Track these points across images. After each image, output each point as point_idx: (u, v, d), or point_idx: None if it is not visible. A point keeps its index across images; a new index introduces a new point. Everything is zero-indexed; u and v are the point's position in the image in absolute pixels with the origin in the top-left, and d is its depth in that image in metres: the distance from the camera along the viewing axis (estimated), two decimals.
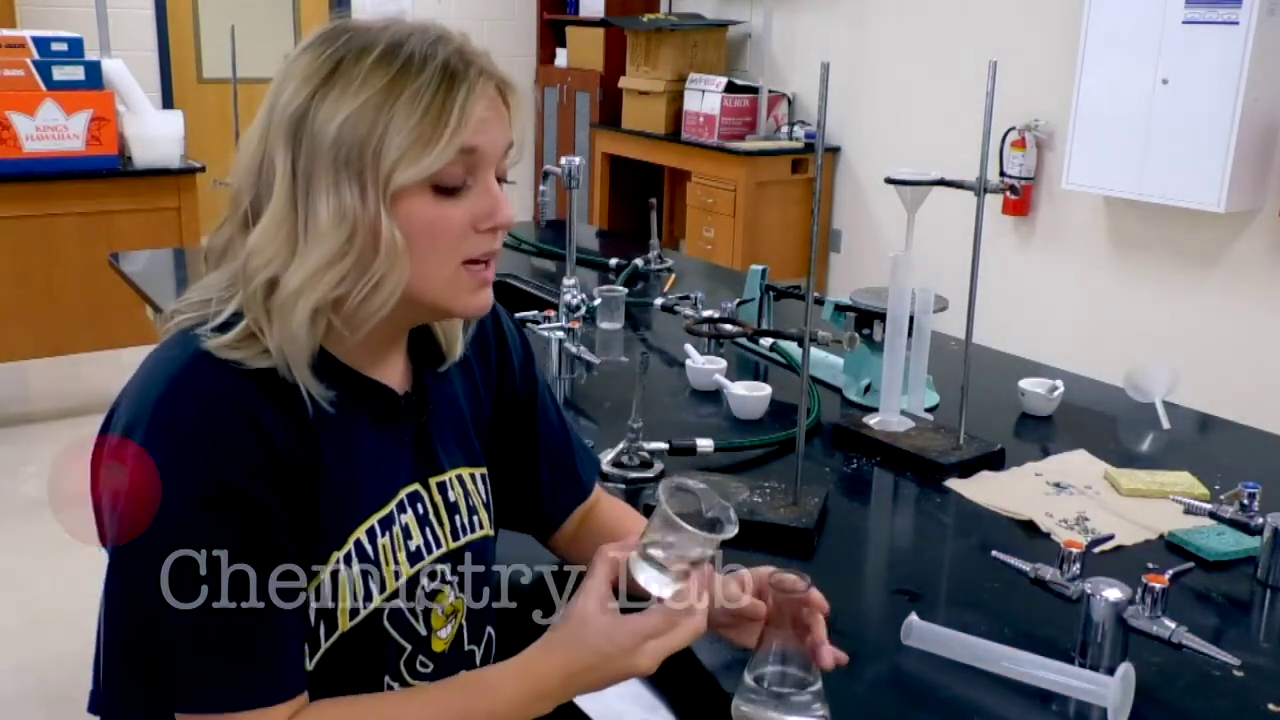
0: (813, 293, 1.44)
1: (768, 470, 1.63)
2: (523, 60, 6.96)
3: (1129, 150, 4.00)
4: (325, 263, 0.91)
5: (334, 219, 0.91)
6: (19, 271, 3.89)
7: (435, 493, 1.07)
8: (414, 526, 1.04)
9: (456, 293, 0.97)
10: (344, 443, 0.98)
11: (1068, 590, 1.19)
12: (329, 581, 0.96)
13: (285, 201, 0.92)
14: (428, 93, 0.91)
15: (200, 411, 0.89)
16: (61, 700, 2.60)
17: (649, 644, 0.94)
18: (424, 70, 0.91)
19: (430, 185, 0.93)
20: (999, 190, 1.65)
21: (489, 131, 0.95)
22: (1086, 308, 4.51)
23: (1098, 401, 1.98)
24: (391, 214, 0.91)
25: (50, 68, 3.81)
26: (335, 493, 0.96)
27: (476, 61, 0.95)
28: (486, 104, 0.95)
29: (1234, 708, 1.09)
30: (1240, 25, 3.64)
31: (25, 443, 4.05)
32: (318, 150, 0.91)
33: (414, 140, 0.90)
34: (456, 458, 1.11)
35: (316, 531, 0.95)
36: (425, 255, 0.94)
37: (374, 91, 0.90)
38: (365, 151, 0.90)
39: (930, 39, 5.01)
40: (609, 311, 2.31)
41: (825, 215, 5.66)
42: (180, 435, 0.88)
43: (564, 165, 2.20)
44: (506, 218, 0.98)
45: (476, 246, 0.97)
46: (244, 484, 0.89)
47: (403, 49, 0.92)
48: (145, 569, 0.88)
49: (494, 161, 0.97)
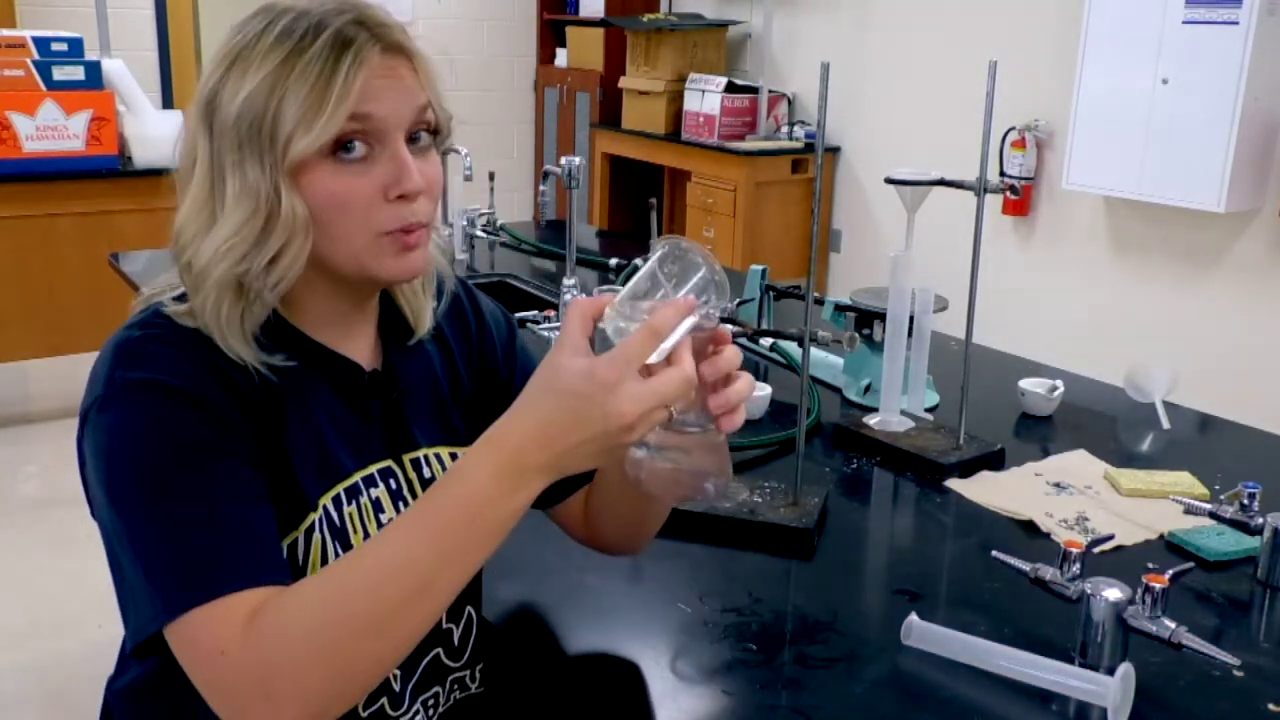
0: (813, 293, 1.44)
1: (768, 470, 1.63)
2: (523, 60, 6.96)
3: (1129, 150, 4.00)
4: (228, 237, 0.93)
5: (239, 195, 0.93)
6: (19, 271, 3.89)
7: (410, 469, 1.08)
8: (386, 501, 1.04)
9: (377, 258, 0.97)
10: (308, 409, 1.00)
11: (1068, 590, 1.19)
12: (303, 539, 0.97)
13: (204, 182, 0.95)
14: (316, 63, 0.92)
15: (164, 345, 0.93)
16: (61, 700, 2.60)
17: (632, 384, 0.82)
18: (315, 42, 0.92)
19: (331, 156, 0.93)
20: (999, 190, 1.65)
21: (384, 97, 0.94)
22: (1086, 308, 4.51)
23: (1098, 401, 1.98)
24: (294, 187, 0.93)
25: (50, 68, 3.81)
26: (302, 453, 0.98)
27: (370, 28, 0.95)
28: (378, 70, 0.94)
29: (1234, 708, 1.09)
30: (1240, 25, 3.64)
31: (25, 443, 4.05)
32: (225, 130, 0.93)
33: (304, 111, 0.91)
34: (434, 435, 1.11)
35: (291, 481, 0.96)
36: (334, 227, 0.95)
37: (271, 68, 0.92)
38: (263, 126, 0.92)
39: (930, 39, 5.00)
40: None
41: (825, 215, 5.66)
42: (148, 363, 0.92)
43: (564, 165, 2.21)
44: (414, 185, 0.95)
45: (390, 218, 0.96)
46: (215, 400, 0.92)
47: (299, 23, 0.94)
48: (133, 477, 0.89)
49: (399, 127, 0.96)
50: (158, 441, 0.90)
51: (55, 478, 3.75)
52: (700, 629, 1.20)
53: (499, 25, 6.85)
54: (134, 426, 0.90)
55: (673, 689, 1.11)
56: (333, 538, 0.99)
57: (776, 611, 1.25)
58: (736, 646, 1.17)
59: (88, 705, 1.04)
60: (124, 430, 0.90)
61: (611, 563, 1.34)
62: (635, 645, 1.19)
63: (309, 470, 0.99)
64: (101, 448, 0.91)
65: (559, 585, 1.29)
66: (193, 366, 0.93)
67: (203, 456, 0.90)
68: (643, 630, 1.22)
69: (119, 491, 0.89)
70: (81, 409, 0.95)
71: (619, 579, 1.32)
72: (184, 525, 0.88)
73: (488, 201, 3.10)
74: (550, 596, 1.24)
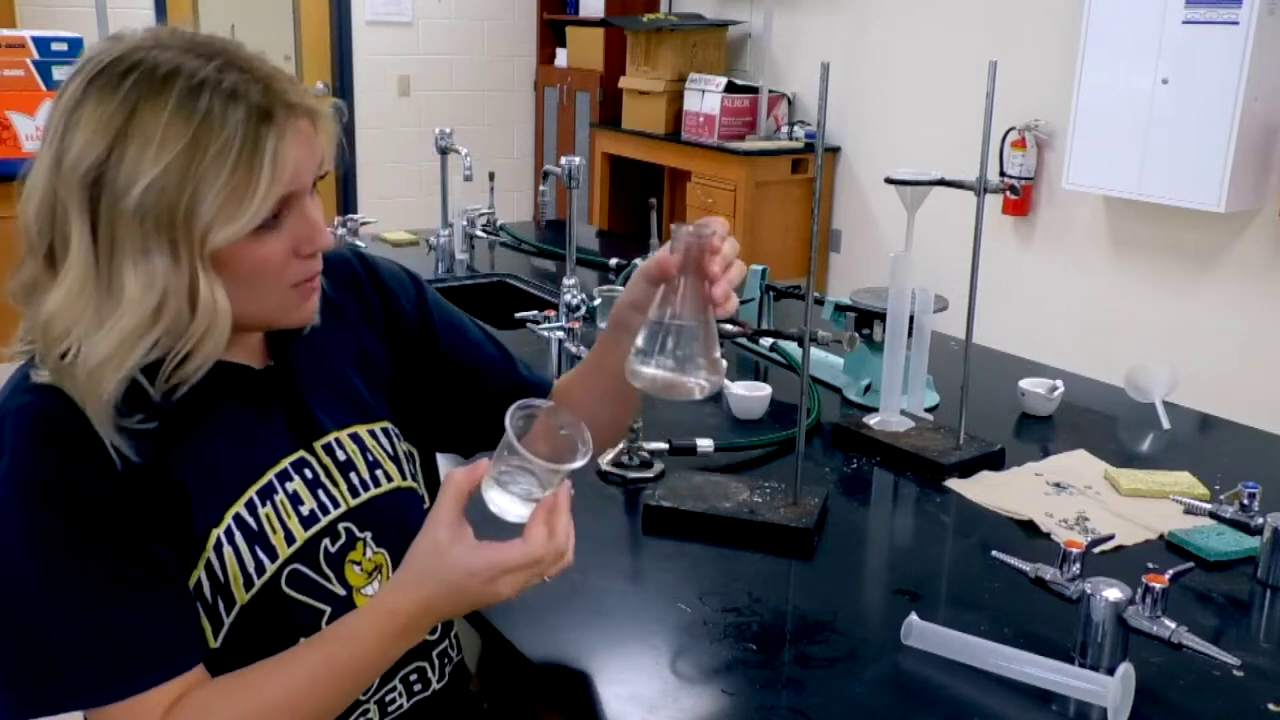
0: (813, 293, 1.44)
1: (768, 470, 1.63)
2: (523, 60, 6.96)
3: (1129, 150, 3.99)
4: (134, 331, 0.88)
5: (143, 287, 0.87)
6: None
7: (323, 455, 1.07)
8: (303, 492, 1.04)
9: (285, 312, 0.99)
10: (201, 428, 0.98)
11: (1068, 590, 1.19)
12: (214, 556, 0.97)
13: (84, 265, 0.88)
14: (234, 146, 0.86)
15: (29, 429, 0.91)
16: None
17: (508, 576, 0.94)
18: (227, 120, 0.87)
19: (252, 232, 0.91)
20: (999, 190, 1.65)
21: (303, 167, 0.93)
22: (1086, 308, 4.51)
23: (1098, 401, 1.98)
24: (210, 271, 0.89)
25: (50, 68, 3.81)
26: (201, 475, 0.97)
27: (283, 97, 0.90)
28: (297, 141, 0.91)
29: (1234, 708, 1.09)
30: (1240, 25, 3.63)
31: None
32: (120, 217, 0.87)
33: (227, 199, 0.87)
34: (344, 417, 1.10)
35: (185, 510, 0.96)
36: (250, 291, 0.94)
37: (177, 151, 0.85)
38: (175, 216, 0.86)
39: (930, 39, 5.00)
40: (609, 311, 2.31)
41: (825, 215, 5.66)
42: (16, 451, 0.90)
43: (564, 165, 2.21)
44: (326, 242, 0.97)
45: (300, 272, 0.97)
46: (80, 486, 0.90)
47: (201, 94, 0.87)
48: (6, 577, 0.90)
49: (306, 188, 0.95)
50: (43, 547, 0.90)
51: None
52: (700, 629, 1.20)
53: (499, 25, 6.85)
54: (15, 532, 0.90)
55: (673, 689, 1.11)
56: (249, 543, 0.99)
57: (776, 611, 1.25)
58: (736, 646, 1.17)
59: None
60: (8, 531, 0.90)
61: (612, 562, 1.35)
62: (635, 645, 1.19)
63: (212, 486, 0.98)
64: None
65: (559, 585, 1.29)
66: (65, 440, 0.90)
67: (86, 551, 0.90)
68: (643, 630, 1.22)
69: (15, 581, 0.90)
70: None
71: (619, 579, 1.32)
72: (94, 618, 0.90)
73: (488, 201, 3.09)
74: (550, 597, 1.24)
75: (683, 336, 0.94)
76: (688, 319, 0.94)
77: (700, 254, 0.95)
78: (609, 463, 1.58)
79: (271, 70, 0.93)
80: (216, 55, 0.91)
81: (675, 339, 0.94)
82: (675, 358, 0.94)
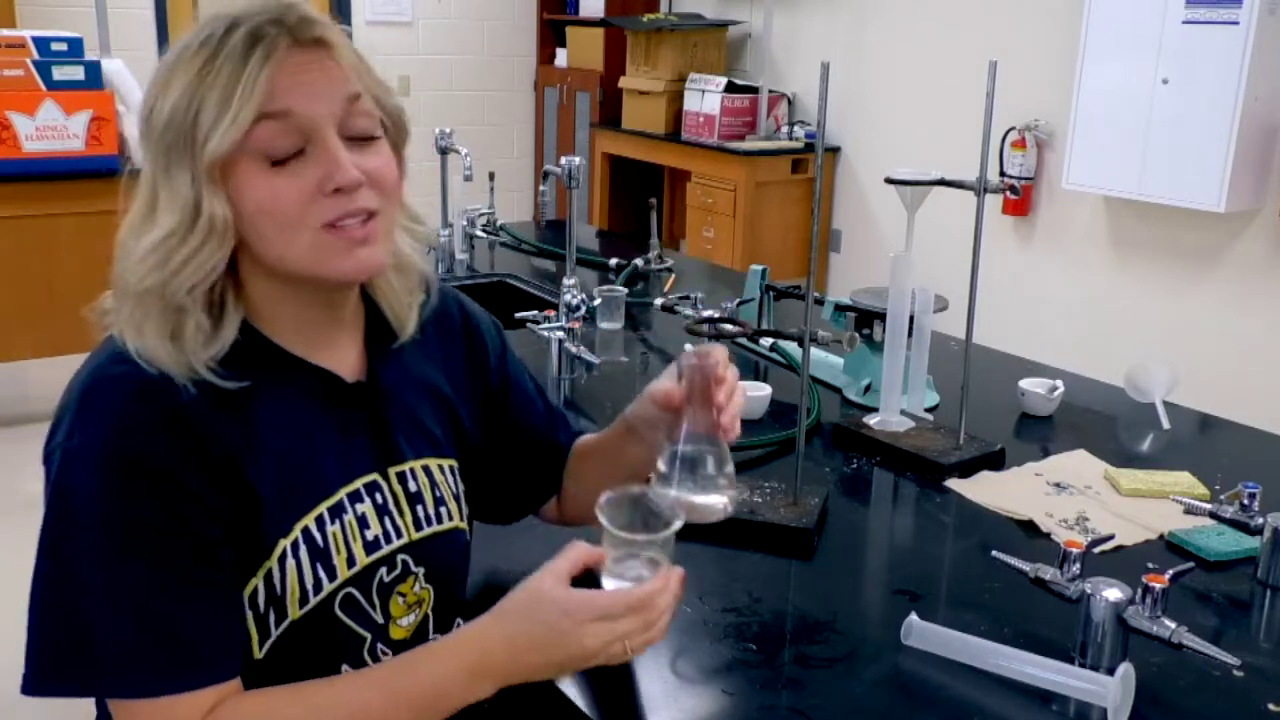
0: (813, 293, 1.44)
1: (768, 470, 1.63)
2: (523, 60, 6.96)
3: (1129, 150, 4.00)
4: (152, 246, 0.92)
5: (168, 204, 0.92)
6: (19, 271, 3.89)
7: (395, 482, 1.06)
8: (372, 516, 1.03)
9: (322, 258, 0.95)
10: (286, 431, 0.98)
11: (1068, 590, 1.19)
12: (277, 568, 0.96)
13: (145, 195, 0.94)
14: (228, 63, 0.91)
15: (118, 397, 0.91)
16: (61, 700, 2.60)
17: (598, 624, 0.93)
18: (228, 42, 0.91)
19: (261, 157, 0.92)
20: (999, 190, 1.65)
21: (301, 92, 0.92)
22: (1086, 308, 4.51)
23: (1098, 401, 1.98)
24: (218, 190, 0.91)
25: (50, 68, 3.81)
26: (280, 479, 0.96)
27: (287, 24, 0.93)
28: (295, 66, 0.93)
29: (1234, 708, 1.09)
30: (1240, 25, 3.64)
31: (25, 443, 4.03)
32: (155, 140, 0.93)
33: (218, 111, 0.90)
34: (421, 447, 1.09)
35: (256, 515, 0.95)
36: (272, 228, 0.93)
37: (191, 74, 0.91)
38: (183, 131, 0.91)
39: (930, 39, 5.00)
40: (609, 311, 2.31)
41: (825, 215, 5.66)
42: (99, 422, 0.90)
43: (564, 165, 2.20)
44: (347, 178, 0.93)
45: (329, 210, 0.94)
46: (160, 459, 0.89)
47: (218, 27, 0.92)
48: (70, 547, 0.89)
49: (326, 121, 0.94)
50: (116, 524, 0.89)
51: None
52: (700, 629, 1.20)
53: (499, 25, 6.86)
54: (93, 504, 0.89)
55: (673, 689, 1.11)
56: (312, 559, 0.98)
57: (776, 611, 1.25)
58: (736, 646, 1.17)
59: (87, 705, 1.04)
60: (85, 502, 0.89)
61: None
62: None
63: (288, 493, 0.97)
64: (61, 511, 0.91)
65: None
66: (155, 416, 0.91)
67: (159, 539, 0.89)
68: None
69: (76, 554, 0.89)
70: (48, 445, 0.94)
71: None
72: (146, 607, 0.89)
73: (488, 201, 3.09)
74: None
75: (699, 462, 1.01)
76: (702, 445, 1.01)
77: (706, 384, 1.02)
78: None
79: (301, 10, 0.95)
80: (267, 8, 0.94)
81: (692, 465, 1.01)
82: (696, 481, 1.01)
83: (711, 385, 1.02)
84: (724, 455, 1.02)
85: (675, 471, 1.00)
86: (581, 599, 0.93)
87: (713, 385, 1.02)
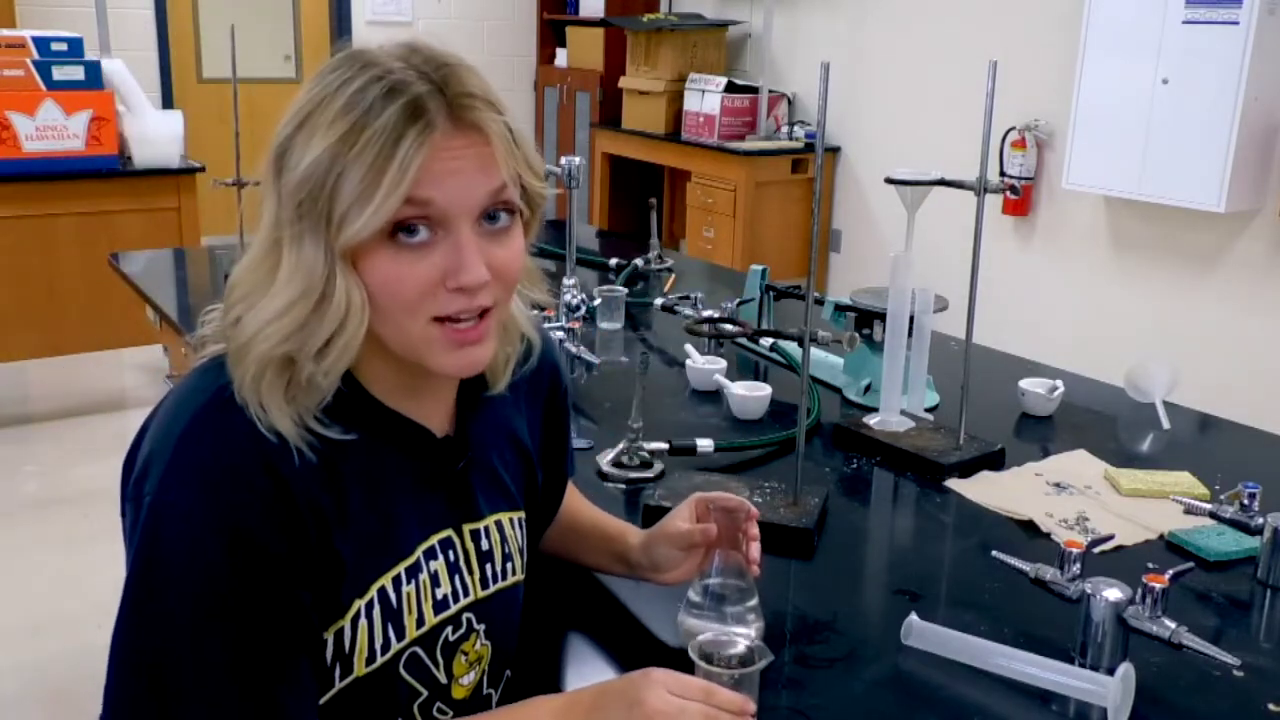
0: (813, 293, 1.44)
1: (768, 470, 1.63)
2: (523, 60, 6.96)
3: (1129, 150, 4.00)
4: (277, 315, 0.87)
5: (293, 270, 0.88)
6: (19, 271, 3.89)
7: (469, 540, 1.04)
8: (443, 574, 1.00)
9: (430, 350, 0.91)
10: (374, 486, 0.95)
11: (1068, 590, 1.19)
12: (349, 627, 0.93)
13: (266, 241, 0.90)
14: (379, 139, 0.85)
15: (220, 454, 0.86)
16: (61, 700, 2.60)
17: (671, 695, 0.90)
18: (381, 115, 0.85)
19: (390, 238, 0.87)
20: (999, 190, 1.65)
21: (448, 183, 0.87)
22: (1086, 308, 4.51)
23: (1098, 401, 1.98)
24: (351, 270, 0.88)
25: (50, 68, 3.81)
26: (362, 539, 0.93)
27: (449, 99, 0.88)
28: (446, 151, 0.87)
29: (1234, 708, 1.09)
30: (1240, 25, 3.64)
31: (25, 443, 4.05)
32: (288, 194, 0.88)
33: (361, 191, 0.85)
34: (497, 502, 1.07)
35: (338, 579, 0.91)
36: (387, 311, 0.89)
37: (336, 137, 0.86)
38: (320, 200, 0.86)
39: (930, 39, 5.00)
40: (609, 311, 2.31)
41: (825, 215, 5.66)
42: (198, 478, 0.86)
43: (564, 165, 2.20)
44: (472, 278, 0.88)
45: (446, 304, 0.89)
46: (259, 530, 0.86)
47: (370, 90, 0.86)
48: (154, 608, 0.85)
49: (466, 213, 0.89)
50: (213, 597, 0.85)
51: (55, 478, 3.75)
52: None
53: (499, 25, 6.86)
54: (192, 575, 0.85)
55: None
56: (384, 619, 0.95)
57: (776, 611, 1.25)
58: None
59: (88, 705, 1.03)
60: (183, 571, 0.85)
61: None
62: (635, 645, 1.19)
63: (369, 552, 0.94)
64: (152, 568, 0.86)
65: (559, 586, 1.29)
66: (249, 474, 0.86)
67: (257, 614, 0.86)
68: (643, 630, 1.22)
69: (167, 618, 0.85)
70: (134, 485, 0.89)
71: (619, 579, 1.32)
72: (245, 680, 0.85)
73: None
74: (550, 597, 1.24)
75: (727, 598, 1.12)
76: (730, 579, 1.13)
77: (734, 531, 1.14)
78: (609, 463, 1.58)
79: (466, 83, 0.89)
80: (430, 66, 0.89)
81: (722, 599, 1.12)
82: (727, 614, 1.12)
83: (739, 536, 1.13)
84: (751, 590, 1.13)
85: (707, 603, 1.12)
86: (666, 670, 0.92)
87: (739, 536, 1.13)
